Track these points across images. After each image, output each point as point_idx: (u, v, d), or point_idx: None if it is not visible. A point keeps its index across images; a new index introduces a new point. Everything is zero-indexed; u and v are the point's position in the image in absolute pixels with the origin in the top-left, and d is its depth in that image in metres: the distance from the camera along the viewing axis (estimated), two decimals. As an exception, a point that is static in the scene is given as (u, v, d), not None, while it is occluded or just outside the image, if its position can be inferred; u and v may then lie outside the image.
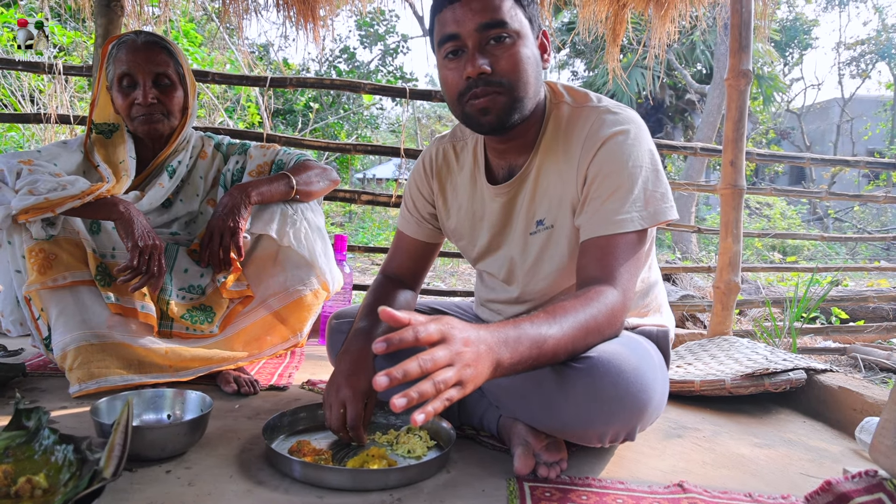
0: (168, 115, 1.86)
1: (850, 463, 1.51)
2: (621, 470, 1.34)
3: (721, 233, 2.77)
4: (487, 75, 1.25)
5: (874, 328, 4.08)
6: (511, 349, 1.00)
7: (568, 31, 14.14)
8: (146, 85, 1.81)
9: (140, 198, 1.83)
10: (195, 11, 7.48)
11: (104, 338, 1.66)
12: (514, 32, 1.25)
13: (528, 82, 1.28)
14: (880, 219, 14.00)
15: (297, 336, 1.87)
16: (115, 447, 1.09)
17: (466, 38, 1.25)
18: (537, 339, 1.04)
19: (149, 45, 1.82)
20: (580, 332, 1.12)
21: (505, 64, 1.25)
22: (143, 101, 1.80)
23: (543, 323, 1.07)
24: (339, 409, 1.28)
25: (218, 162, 2.03)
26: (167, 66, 1.84)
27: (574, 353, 1.14)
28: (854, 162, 4.22)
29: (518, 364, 1.02)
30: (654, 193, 1.27)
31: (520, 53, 1.26)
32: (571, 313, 1.12)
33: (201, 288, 1.83)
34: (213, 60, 8.41)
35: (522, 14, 1.28)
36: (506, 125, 1.30)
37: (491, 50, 1.25)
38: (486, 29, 1.23)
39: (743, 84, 2.67)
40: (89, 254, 1.70)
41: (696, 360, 2.28)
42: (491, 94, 1.26)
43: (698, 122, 14.93)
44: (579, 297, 1.16)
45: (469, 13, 1.24)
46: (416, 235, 1.64)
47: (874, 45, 19.13)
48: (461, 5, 1.24)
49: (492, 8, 1.23)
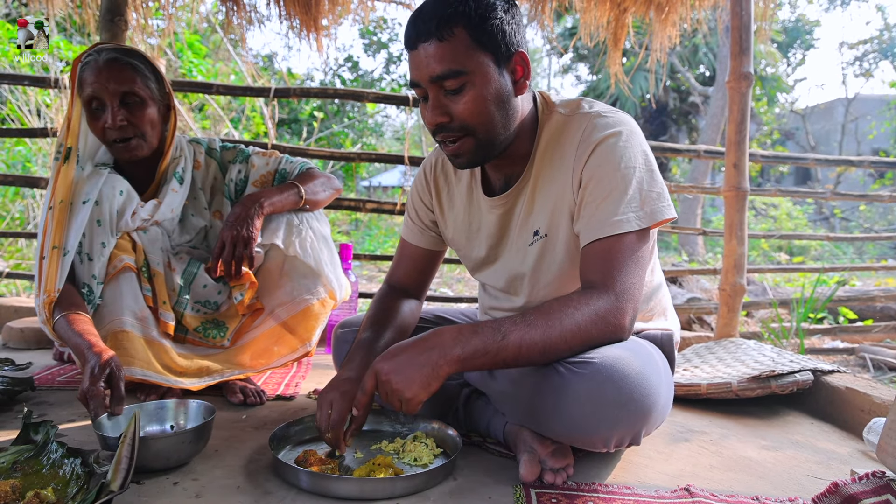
0: (142, 135, 1.77)
1: (859, 464, 1.51)
2: (628, 475, 1.34)
3: (725, 235, 2.77)
4: (447, 124, 1.27)
5: (882, 328, 4.06)
6: (462, 345, 1.13)
7: (570, 35, 14.18)
8: (113, 107, 1.72)
9: (158, 206, 1.80)
10: (200, 23, 7.52)
11: (136, 328, 1.71)
12: (469, 78, 1.23)
13: (492, 122, 1.27)
14: (887, 217, 13.93)
15: (307, 345, 1.87)
16: (123, 460, 1.09)
17: (425, 86, 1.26)
18: (495, 335, 1.14)
19: (110, 63, 1.73)
20: (555, 332, 1.15)
21: (462, 112, 1.25)
22: (112, 124, 1.71)
23: (507, 320, 1.16)
24: (327, 410, 1.27)
25: (214, 170, 1.98)
26: (132, 84, 1.74)
27: (549, 353, 1.17)
28: (858, 161, 4.21)
29: (474, 357, 1.13)
30: (650, 193, 1.27)
31: (478, 98, 1.24)
32: (546, 314, 1.16)
33: (216, 304, 1.85)
34: (217, 72, 8.46)
35: (482, 51, 1.23)
36: (480, 163, 1.34)
37: (448, 100, 1.25)
38: (440, 80, 1.23)
39: (744, 86, 2.67)
40: (139, 246, 1.77)
41: (702, 363, 2.27)
42: (457, 141, 1.28)
43: (702, 125, 14.93)
44: (563, 299, 1.19)
45: (423, 62, 1.23)
46: (420, 243, 1.64)
47: (877, 45, 19.08)
48: (417, 53, 1.24)
49: (444, 58, 1.21)
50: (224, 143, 2.04)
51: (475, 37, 1.22)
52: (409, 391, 1.12)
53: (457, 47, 1.21)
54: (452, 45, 1.21)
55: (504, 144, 1.33)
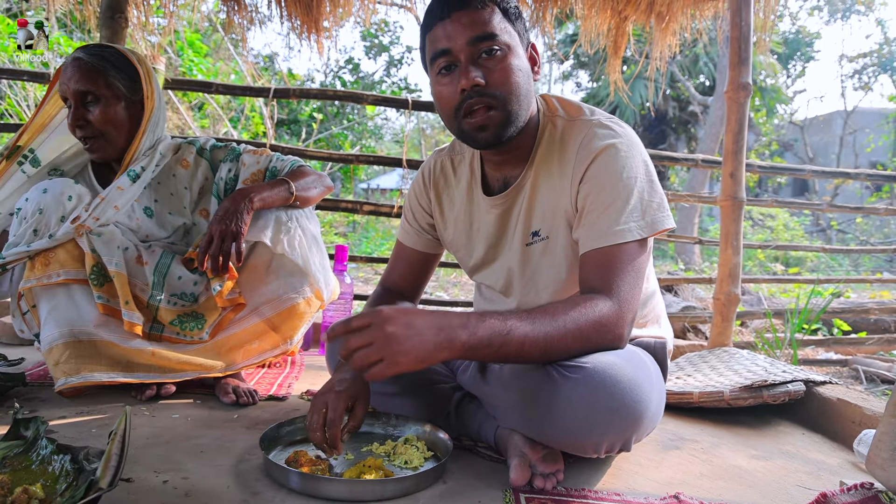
0: (102, 135, 1.79)
1: (849, 475, 1.51)
2: (618, 481, 1.34)
3: (721, 244, 2.78)
4: (482, 87, 1.27)
5: (875, 340, 4.07)
6: (464, 327, 1.09)
7: (572, 42, 14.21)
8: (76, 107, 1.77)
9: (100, 203, 1.78)
10: (201, 22, 7.53)
11: (92, 335, 1.68)
12: (504, 45, 1.28)
13: (521, 94, 1.30)
14: (883, 230, 13.97)
15: (288, 343, 1.86)
16: (112, 457, 1.09)
17: (458, 52, 1.27)
18: (501, 326, 1.11)
19: (75, 62, 1.77)
20: (557, 330, 1.14)
21: (498, 76, 1.27)
22: (70, 123, 1.77)
23: (514, 315, 1.13)
24: (321, 409, 1.26)
25: (204, 169, 1.98)
26: (93, 84, 1.76)
27: (552, 351, 1.16)
28: (855, 174, 4.23)
29: (478, 347, 1.09)
30: (651, 203, 1.28)
31: (512, 65, 1.28)
32: (551, 312, 1.15)
33: (194, 296, 1.84)
34: (217, 71, 8.46)
35: (511, 27, 1.31)
36: (502, 139, 1.32)
37: (483, 63, 1.27)
38: (478, 42, 1.26)
39: (743, 97, 2.68)
40: (87, 254, 1.72)
41: (695, 372, 2.28)
42: (485, 110, 1.28)
43: (701, 134, 14.96)
44: (567, 301, 1.19)
45: (460, 28, 1.26)
46: (416, 246, 1.65)
47: (877, 58, 19.16)
48: (451, 21, 1.27)
49: (482, 21, 1.26)
50: (216, 143, 2.03)
51: (506, 14, 1.31)
52: (404, 357, 1.04)
53: (493, 17, 1.28)
54: (488, 14, 1.28)
55: (521, 125, 1.34)
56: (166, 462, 1.31)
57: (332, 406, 1.26)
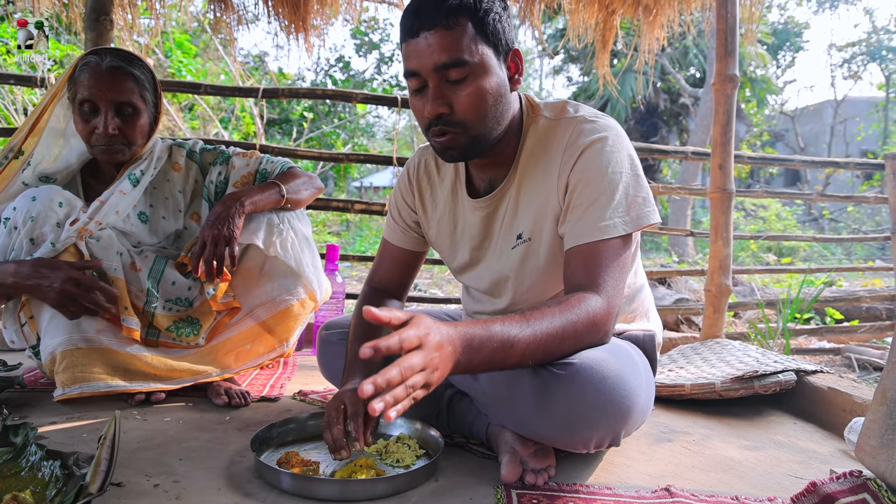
0: (129, 144, 1.80)
1: (839, 464, 1.52)
2: (609, 475, 1.35)
3: (711, 236, 2.78)
4: (447, 115, 1.26)
5: (868, 328, 4.10)
6: (476, 350, 1.05)
7: (561, 37, 14.21)
8: (108, 114, 1.74)
9: (100, 206, 1.78)
10: (190, 23, 7.50)
11: (92, 342, 1.68)
12: (473, 69, 1.23)
13: (488, 118, 1.28)
14: (875, 218, 14.03)
15: (284, 346, 1.87)
16: (102, 462, 1.09)
17: (426, 76, 1.24)
18: (505, 342, 1.07)
19: (113, 70, 1.75)
20: (554, 336, 1.13)
21: (464, 102, 1.24)
22: (104, 132, 1.74)
23: (515, 325, 1.10)
24: (339, 406, 1.25)
25: (195, 173, 1.98)
26: (132, 94, 1.77)
27: (548, 357, 1.15)
28: (844, 163, 4.25)
29: (483, 364, 1.07)
30: (636, 198, 1.28)
31: (479, 91, 1.24)
32: (548, 317, 1.13)
33: (189, 300, 1.84)
34: (206, 71, 8.43)
35: (484, 43, 1.25)
36: (470, 158, 1.33)
37: (450, 90, 1.24)
38: (444, 69, 1.23)
39: (730, 88, 2.69)
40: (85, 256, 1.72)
41: (687, 364, 2.28)
42: (451, 134, 1.27)
43: (693, 126, 15.00)
44: (560, 302, 1.17)
45: (427, 51, 1.22)
46: (402, 244, 1.64)
47: (865, 47, 19.22)
48: (419, 41, 1.23)
49: (448, 46, 1.21)
50: (205, 146, 2.03)
51: (479, 29, 1.24)
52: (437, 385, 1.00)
53: (462, 37, 1.22)
54: (458, 34, 1.22)
55: (494, 141, 1.32)
56: (157, 465, 1.30)
57: (351, 401, 1.25)
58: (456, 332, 1.04)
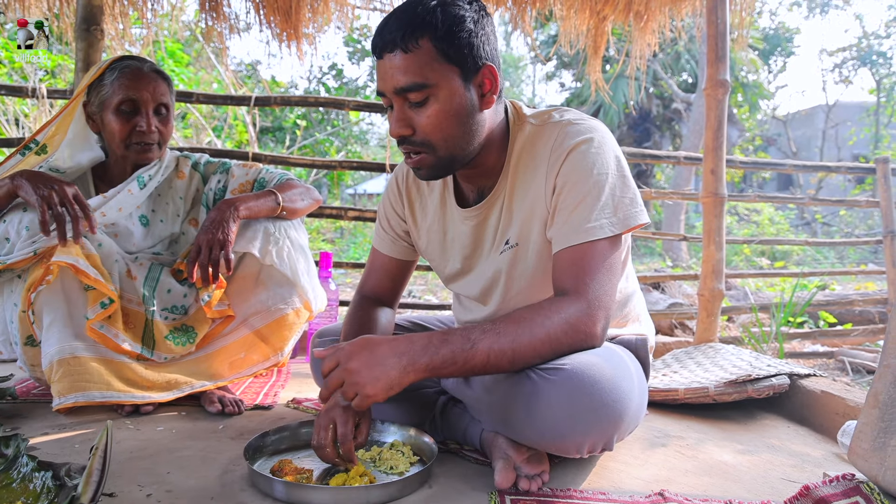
0: (162, 144, 1.90)
1: (832, 467, 1.52)
2: (603, 480, 1.35)
3: (704, 241, 2.80)
4: (409, 136, 1.27)
5: (861, 331, 4.11)
6: (426, 350, 1.15)
7: (553, 43, 14.28)
8: (149, 113, 1.84)
9: (105, 200, 1.80)
10: (182, 32, 7.50)
11: (88, 350, 1.67)
12: (433, 91, 1.23)
13: (453, 138, 1.27)
14: (867, 222, 14.10)
15: (279, 355, 1.87)
16: (94, 472, 1.08)
17: (389, 96, 1.26)
18: (464, 342, 1.15)
19: (154, 73, 1.86)
20: (524, 340, 1.16)
21: (425, 125, 1.25)
22: (147, 129, 1.83)
23: (477, 328, 1.17)
24: (329, 426, 1.26)
25: (196, 182, 2.03)
26: (166, 97, 1.88)
27: (520, 358, 1.17)
28: (836, 167, 4.27)
29: (442, 366, 1.15)
30: (623, 199, 1.28)
31: (440, 113, 1.24)
32: (516, 320, 1.17)
33: (184, 308, 1.83)
34: (199, 80, 8.43)
35: (447, 63, 1.23)
36: (441, 176, 1.35)
37: (412, 112, 1.25)
38: (403, 93, 1.24)
39: (721, 93, 2.70)
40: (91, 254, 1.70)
41: (681, 368, 2.29)
42: (420, 154, 1.29)
43: (685, 131, 15.05)
44: (534, 307, 1.19)
45: (388, 73, 1.24)
46: (392, 253, 1.64)
47: (856, 52, 19.36)
48: (382, 63, 1.25)
49: (408, 69, 1.21)
50: (210, 159, 2.09)
51: (441, 49, 1.22)
52: (372, 389, 1.13)
53: (421, 59, 1.21)
54: (417, 57, 1.21)
55: (467, 159, 1.32)
56: (150, 475, 1.30)
57: (342, 421, 1.25)
58: (400, 336, 1.19)
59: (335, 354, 1.17)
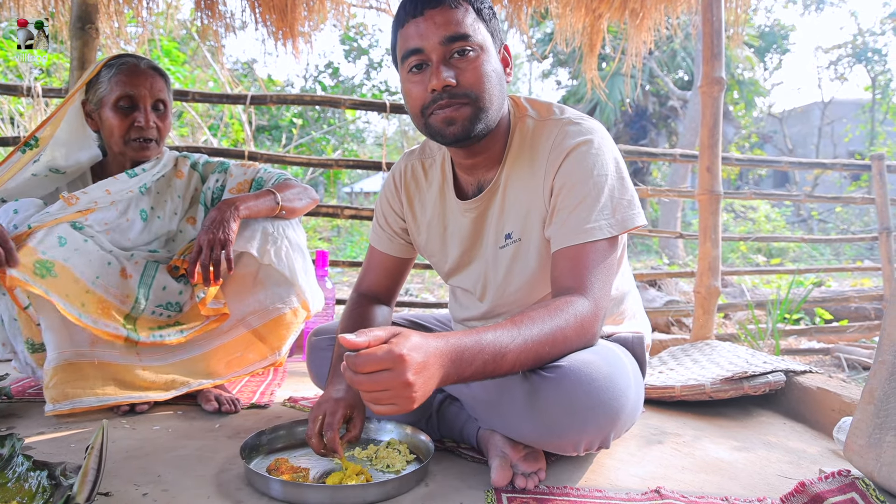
0: (160, 141, 1.90)
1: (828, 463, 1.52)
2: (600, 478, 1.35)
3: (700, 238, 2.80)
4: (452, 88, 1.26)
5: (857, 328, 4.12)
6: (467, 363, 1.05)
7: (549, 41, 14.27)
8: (147, 109, 1.85)
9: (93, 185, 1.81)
10: (178, 30, 7.48)
11: (84, 356, 1.67)
12: (477, 45, 1.27)
13: (493, 94, 1.30)
14: (863, 219, 14.13)
15: (276, 354, 1.87)
16: (89, 472, 1.08)
17: (430, 51, 1.26)
18: (496, 353, 1.07)
19: (152, 69, 1.88)
20: (545, 341, 1.13)
21: (470, 76, 1.26)
22: (146, 124, 1.84)
23: (506, 334, 1.09)
24: (319, 417, 1.28)
25: (195, 181, 2.03)
26: (163, 93, 1.89)
27: (538, 362, 1.15)
28: (832, 164, 4.28)
29: (475, 374, 1.07)
30: (621, 201, 1.29)
31: (484, 66, 1.28)
32: (537, 323, 1.13)
33: (179, 305, 1.83)
34: (195, 79, 8.41)
35: (485, 28, 1.30)
36: (470, 135, 1.30)
37: (455, 63, 1.27)
38: (450, 42, 1.25)
39: (716, 91, 2.70)
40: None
41: (678, 365, 2.29)
42: (456, 105, 1.27)
43: (682, 129, 15.08)
44: (548, 306, 1.17)
45: (432, 26, 1.25)
46: (389, 251, 1.64)
47: (851, 49, 19.39)
48: (424, 19, 1.26)
49: (455, 21, 1.25)
50: (209, 159, 2.10)
51: (479, 13, 1.30)
52: (416, 403, 1.00)
53: (467, 16, 1.28)
54: (462, 13, 1.27)
55: (492, 124, 1.33)
56: (146, 474, 1.30)
57: (330, 411, 1.27)
58: (446, 344, 1.03)
59: (389, 358, 0.97)
